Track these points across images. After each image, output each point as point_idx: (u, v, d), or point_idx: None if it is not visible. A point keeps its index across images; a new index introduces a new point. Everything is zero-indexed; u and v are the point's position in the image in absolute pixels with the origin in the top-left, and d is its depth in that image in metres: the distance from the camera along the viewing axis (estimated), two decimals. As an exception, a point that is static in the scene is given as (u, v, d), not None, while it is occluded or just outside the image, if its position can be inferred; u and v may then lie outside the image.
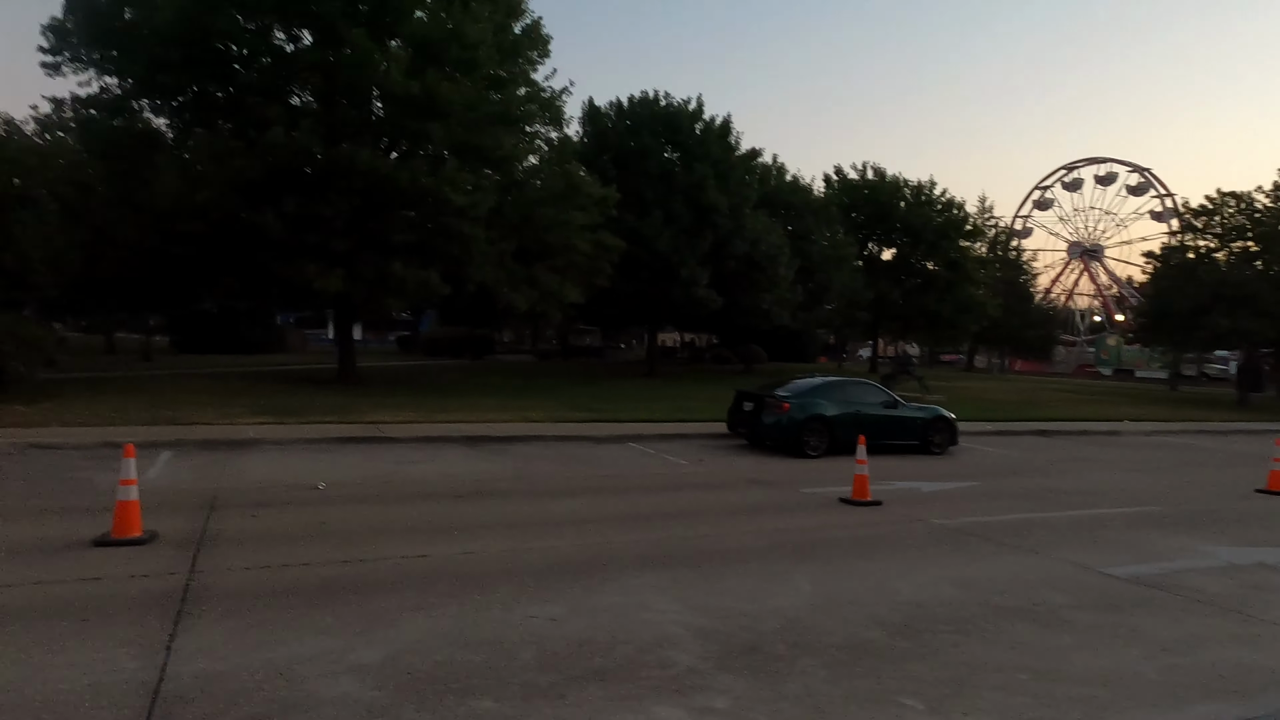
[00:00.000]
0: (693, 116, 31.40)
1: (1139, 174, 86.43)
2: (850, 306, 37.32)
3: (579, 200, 22.04)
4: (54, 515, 8.07)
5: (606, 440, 15.86)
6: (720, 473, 12.86)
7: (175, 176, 17.09)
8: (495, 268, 20.19)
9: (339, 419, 16.11)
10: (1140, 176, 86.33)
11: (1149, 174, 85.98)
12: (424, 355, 47.55)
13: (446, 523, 8.30)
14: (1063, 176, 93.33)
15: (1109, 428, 23.04)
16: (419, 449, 13.84)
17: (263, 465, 11.64)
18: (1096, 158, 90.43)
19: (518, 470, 12.14)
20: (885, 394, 16.18)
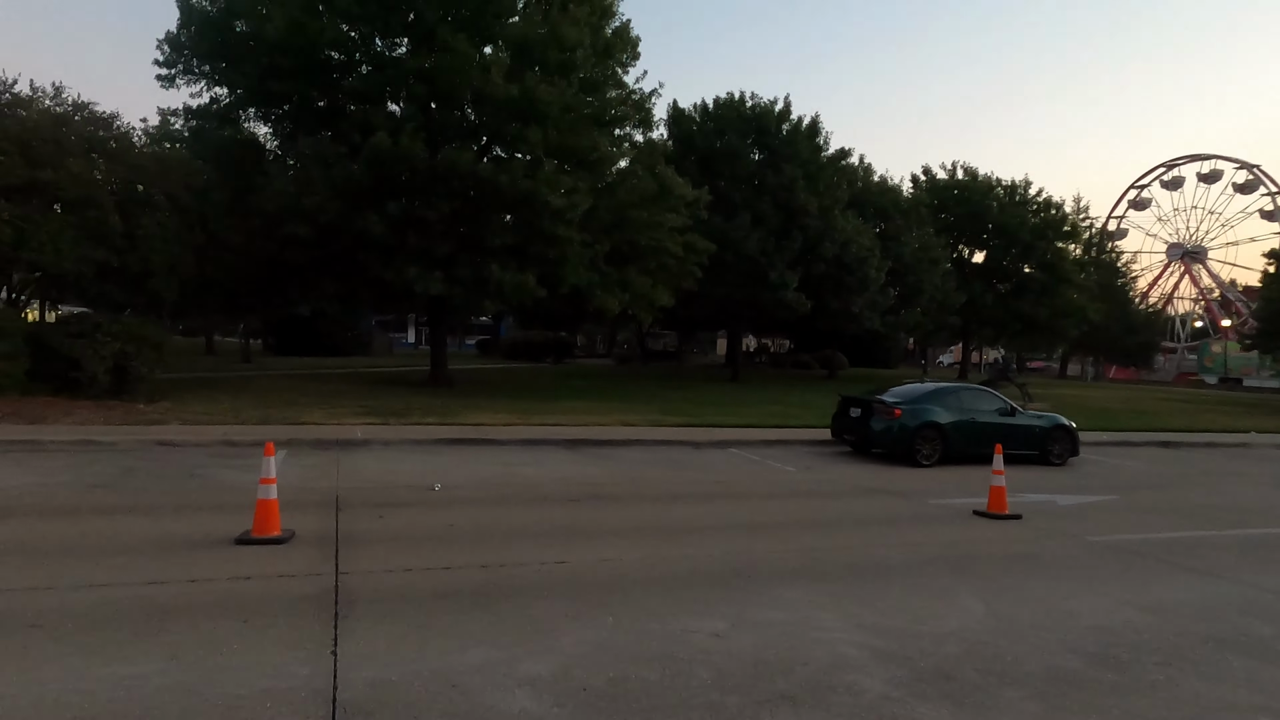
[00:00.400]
0: (780, 117, 30.84)
1: (1247, 171, 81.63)
2: (941, 310, 36.03)
3: (670, 202, 21.78)
4: (190, 512, 8.17)
5: (707, 445, 15.52)
6: (834, 480, 12.36)
7: (284, 182, 17.51)
8: (588, 270, 20.08)
9: (440, 420, 16.20)
10: (1249, 174, 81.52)
11: (1258, 170, 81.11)
12: (504, 358, 48.08)
13: (574, 527, 8.09)
14: (1161, 175, 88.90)
15: (1236, 439, 21.53)
16: (522, 451, 13.76)
17: (375, 465, 11.69)
18: (1199, 154, 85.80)
19: (627, 475, 11.90)
20: (1001, 401, 15.38)
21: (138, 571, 5.95)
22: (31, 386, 15.53)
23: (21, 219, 14.06)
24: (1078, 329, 41.91)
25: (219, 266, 18.67)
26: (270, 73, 18.44)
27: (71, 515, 7.78)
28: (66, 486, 9.29)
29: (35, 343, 15.28)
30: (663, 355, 52.31)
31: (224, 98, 21.64)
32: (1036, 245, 39.10)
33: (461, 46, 17.61)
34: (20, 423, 13.54)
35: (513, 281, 18.19)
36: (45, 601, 5.23)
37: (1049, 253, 39.66)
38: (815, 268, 28.77)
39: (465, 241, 18.35)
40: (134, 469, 10.64)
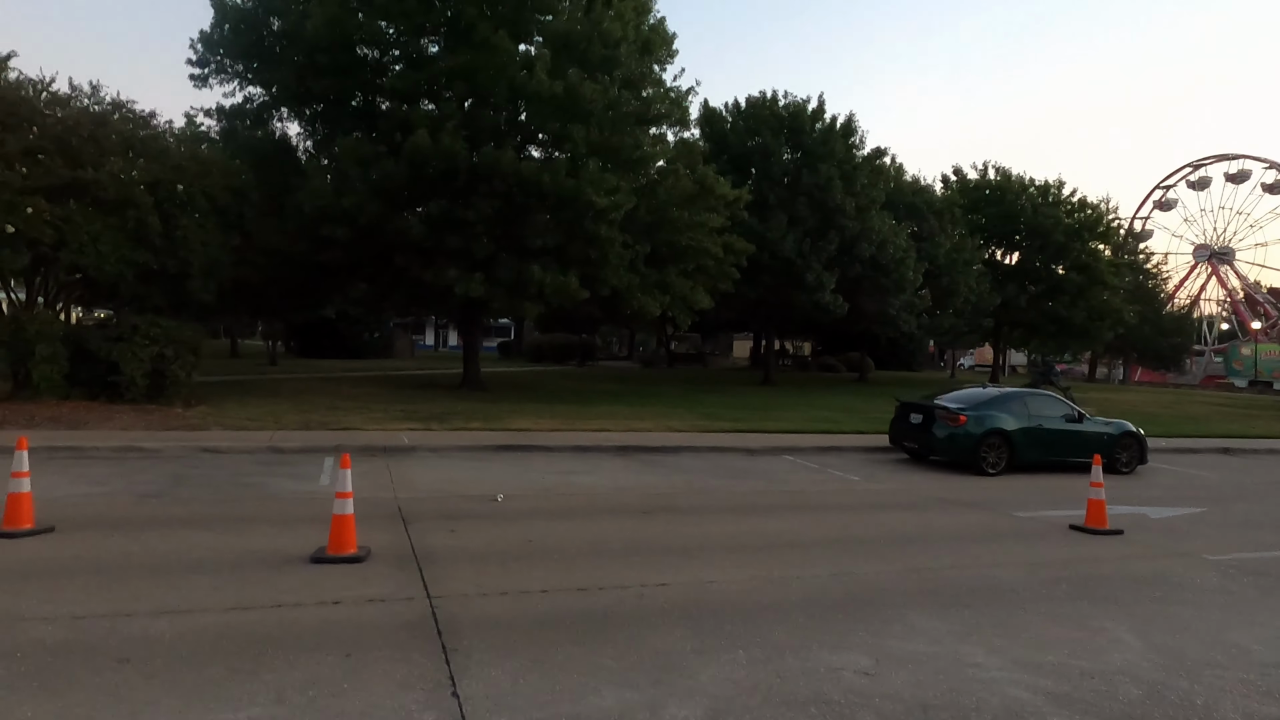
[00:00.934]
0: (814, 116, 30.28)
1: (1277, 170, 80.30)
2: (975, 313, 35.35)
3: (710, 202, 21.30)
4: (252, 525, 7.76)
5: (760, 452, 15.02)
6: (904, 490, 11.84)
7: (323, 182, 17.14)
8: (628, 272, 19.62)
9: (484, 425, 15.78)
10: (1278, 173, 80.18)
11: (1288, 170, 79.75)
12: (528, 361, 47.70)
13: (659, 543, 7.61)
14: (1188, 175, 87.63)
15: (1298, 446, 20.80)
16: (575, 459, 13.31)
17: (429, 473, 11.27)
18: (1227, 154, 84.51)
19: (689, 484, 11.44)
20: (1067, 406, 14.80)
21: (218, 595, 5.52)
22: (69, 390, 15.21)
23: (62, 220, 13.72)
24: (1113, 331, 41.11)
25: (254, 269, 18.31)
26: (309, 71, 18.09)
27: (130, 528, 7.38)
28: (118, 496, 8.91)
29: (74, 346, 14.96)
30: (687, 358, 51.76)
31: (257, 97, 21.35)
32: (1071, 246, 38.33)
33: (502, 43, 17.21)
34: (61, 428, 13.21)
35: (554, 283, 17.74)
36: (128, 630, 4.80)
37: (1084, 254, 38.89)
38: (851, 269, 28.19)
39: (505, 243, 17.92)
40: (183, 477, 10.26)
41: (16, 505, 7.08)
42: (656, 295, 20.50)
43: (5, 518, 7.00)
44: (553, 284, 17.75)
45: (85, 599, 5.32)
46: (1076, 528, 9.16)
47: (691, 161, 21.00)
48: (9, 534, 6.89)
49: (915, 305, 30.38)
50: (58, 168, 13.92)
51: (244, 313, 30.12)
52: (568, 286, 17.81)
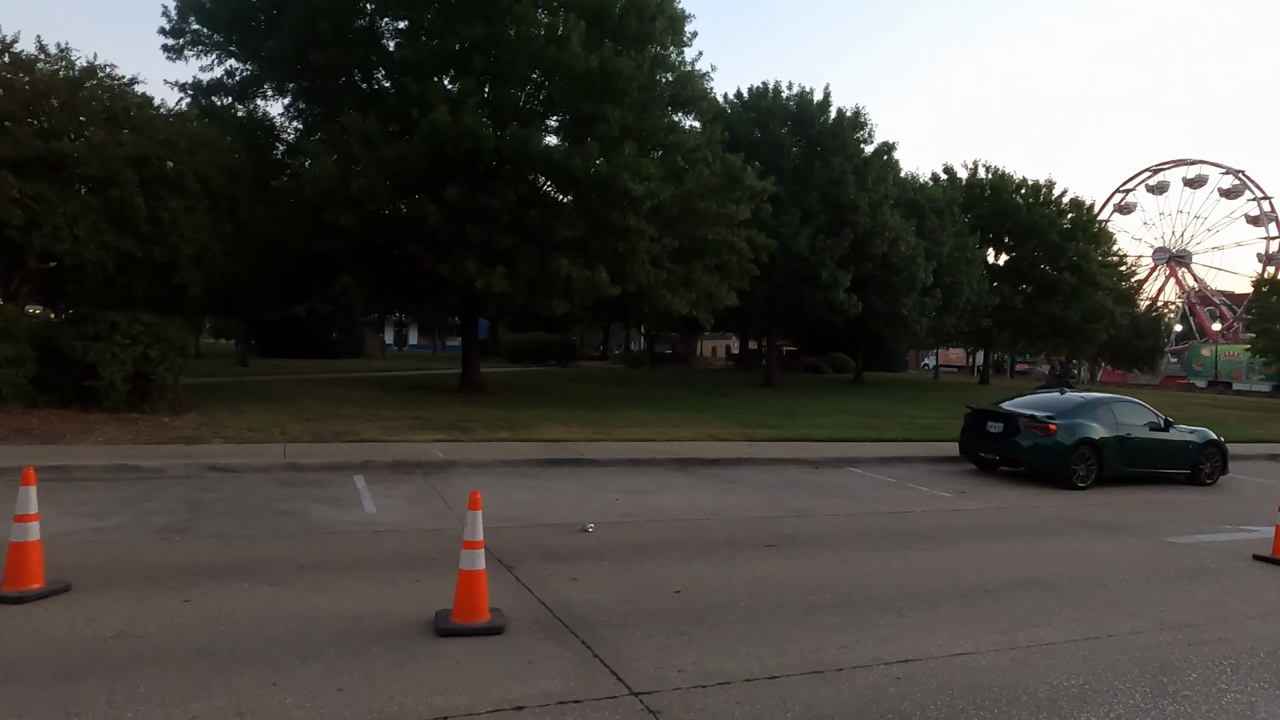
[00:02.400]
0: (820, 108, 29.20)
1: (1233, 176, 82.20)
2: (974, 313, 34.70)
3: (736, 193, 19.97)
4: (322, 574, 6.17)
5: (823, 465, 13.75)
6: (1010, 510, 10.68)
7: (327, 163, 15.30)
8: (655, 267, 18.17)
9: (514, 435, 14.20)
10: (1234, 179, 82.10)
11: (1244, 176, 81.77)
12: (506, 361, 45.82)
13: (831, 590, 6.21)
14: (1147, 179, 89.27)
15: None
16: (634, 475, 11.85)
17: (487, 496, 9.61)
18: (1185, 159, 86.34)
19: (778, 504, 10.11)
20: (1152, 414, 13.82)
21: (345, 698, 3.96)
22: (37, 397, 13.21)
23: (34, 198, 11.74)
24: (1107, 333, 40.99)
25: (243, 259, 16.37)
26: (308, 39, 16.24)
27: (168, 581, 5.74)
28: (133, 533, 7.21)
29: (43, 346, 12.98)
30: (672, 358, 50.44)
31: (240, 71, 19.37)
32: (1066, 247, 38.00)
33: (527, 12, 15.61)
34: (34, 442, 11.28)
35: (582, 278, 16.18)
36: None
37: (1077, 254, 38.60)
38: (864, 267, 27.15)
39: (529, 234, 16.31)
40: (201, 504, 8.56)
41: (21, 558, 5.39)
42: (682, 292, 19.08)
43: (6, 575, 5.31)
44: (581, 279, 16.19)
45: (166, 699, 3.72)
46: (1262, 558, 8.02)
47: (714, 149, 19.63)
48: (13, 598, 5.21)
49: (926, 305, 29.50)
50: (28, 138, 11.94)
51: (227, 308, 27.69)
52: (597, 282, 16.27)
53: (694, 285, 19.46)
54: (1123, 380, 74.53)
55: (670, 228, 18.75)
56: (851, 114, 29.33)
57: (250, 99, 20.00)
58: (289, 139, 19.97)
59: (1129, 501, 11.82)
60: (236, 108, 20.09)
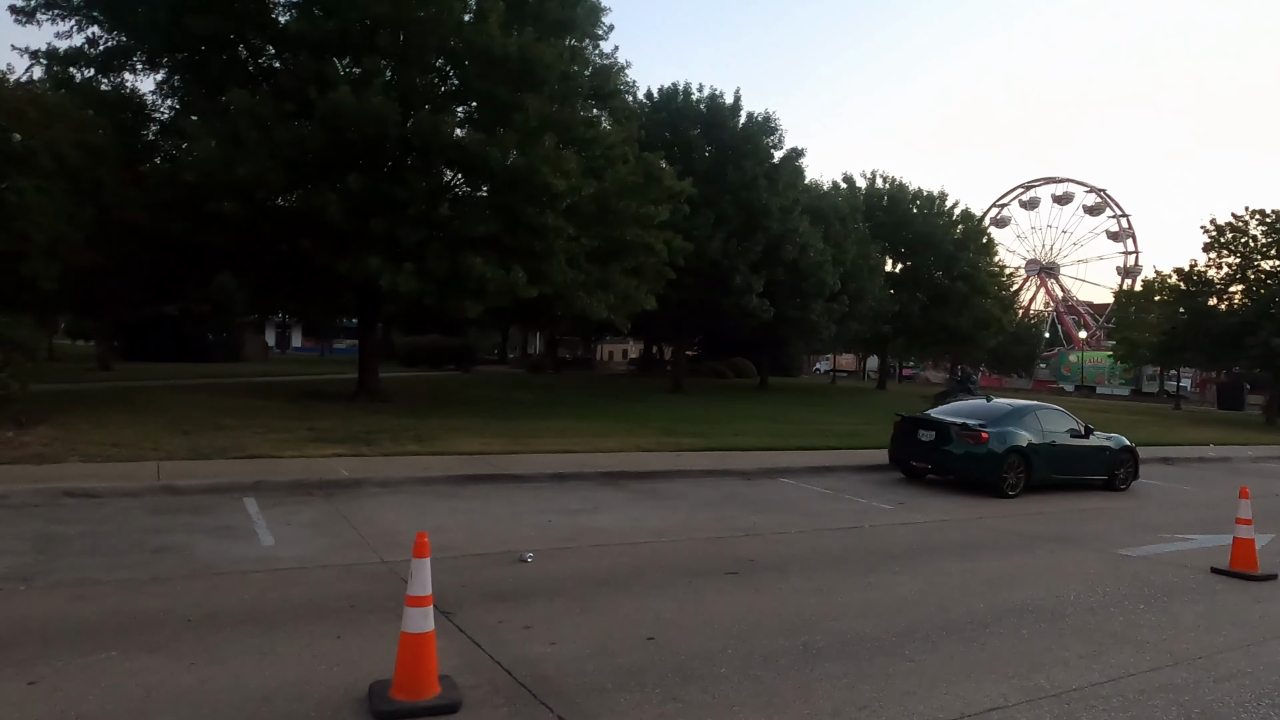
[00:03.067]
0: (731, 110, 29.02)
1: (1095, 194, 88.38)
2: (875, 319, 35.41)
3: (655, 193, 19.32)
4: (211, 630, 5.01)
5: (755, 475, 13.22)
6: (959, 523, 10.39)
7: (209, 145, 13.56)
8: (572, 268, 17.24)
9: (426, 449, 13.00)
10: (1097, 196, 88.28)
11: (1105, 194, 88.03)
12: (402, 365, 43.64)
13: (820, 632, 5.53)
14: (1020, 195, 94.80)
15: (1217, 454, 21.46)
16: (563, 491, 10.94)
17: (402, 520, 8.59)
18: (1054, 177, 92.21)
19: (724, 522, 9.45)
20: (1073, 421, 13.96)
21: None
22: None
23: None
24: (995, 339, 42.75)
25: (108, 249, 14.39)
26: (185, 6, 14.45)
27: (8, 653, 4.46)
28: (-32, 584, 5.78)
29: None
30: (575, 363, 49.45)
31: (105, 39, 17.24)
32: (959, 256, 39.39)
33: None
34: None
35: (498, 278, 15.07)
36: None
37: (968, 264, 40.09)
38: (774, 272, 27.06)
39: (439, 229, 15.04)
40: (54, 540, 7.13)
41: None
42: (600, 295, 18.23)
43: None
44: (496, 279, 15.07)
45: None
46: (1220, 571, 7.90)
47: (632, 147, 18.90)
48: None
49: (833, 311, 29.74)
50: None
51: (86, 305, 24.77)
52: (515, 282, 15.19)
53: (611, 287, 18.66)
54: (999, 384, 78.66)
55: (587, 227, 17.87)
56: (761, 118, 29.28)
57: (117, 72, 17.84)
58: (163, 118, 17.91)
59: (1060, 510, 11.79)
60: (100, 81, 17.88)
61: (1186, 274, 35.76)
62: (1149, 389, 76.43)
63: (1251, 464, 20.40)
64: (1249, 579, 7.65)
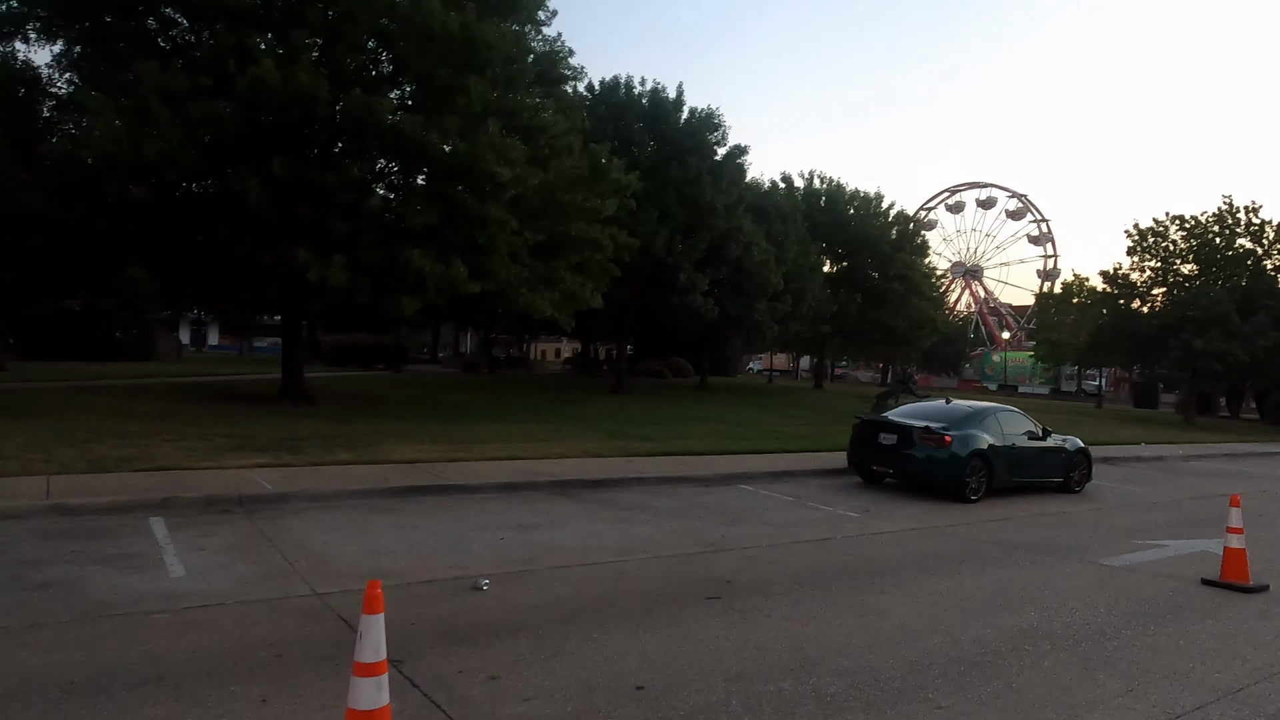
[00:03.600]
0: (675, 105, 28.44)
1: (1018, 199, 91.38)
2: (815, 319, 35.35)
3: (601, 186, 18.56)
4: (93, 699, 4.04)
5: (714, 482, 12.60)
6: (932, 532, 9.96)
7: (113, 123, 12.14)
8: (515, 263, 16.32)
9: (359, 457, 11.94)
10: (1019, 202, 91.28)
11: (1026, 199, 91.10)
12: (328, 365, 41.70)
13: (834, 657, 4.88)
14: (946, 199, 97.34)
15: (1151, 452, 21.88)
16: (513, 503, 10.10)
17: (335, 542, 7.65)
18: (978, 182, 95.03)
19: (690, 535, 8.79)
20: (1030, 423, 13.77)
21: None
22: None
23: None
24: (930, 340, 43.35)
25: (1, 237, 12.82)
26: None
27: None
28: None
29: None
30: (509, 362, 48.21)
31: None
32: (895, 257, 39.74)
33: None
34: None
35: (437, 273, 14.05)
36: None
37: (904, 265, 40.49)
38: (720, 271, 26.59)
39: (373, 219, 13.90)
40: (-88, 578, 5.97)
41: None
42: (544, 292, 17.35)
43: None
44: (435, 273, 14.04)
45: None
46: (1214, 583, 7.59)
47: (577, 138, 18.08)
48: None
49: (777, 310, 29.45)
50: None
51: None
52: (454, 277, 14.18)
53: (557, 284, 17.81)
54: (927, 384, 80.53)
55: (531, 221, 16.96)
56: (704, 114, 28.77)
57: (7, 41, 16.10)
58: (61, 93, 16.24)
59: (1025, 515, 11.52)
60: (-12, 49, 16.12)
61: (1112, 277, 36.86)
62: (1068, 388, 79.36)
63: (1184, 463, 20.84)
64: (1245, 591, 7.36)
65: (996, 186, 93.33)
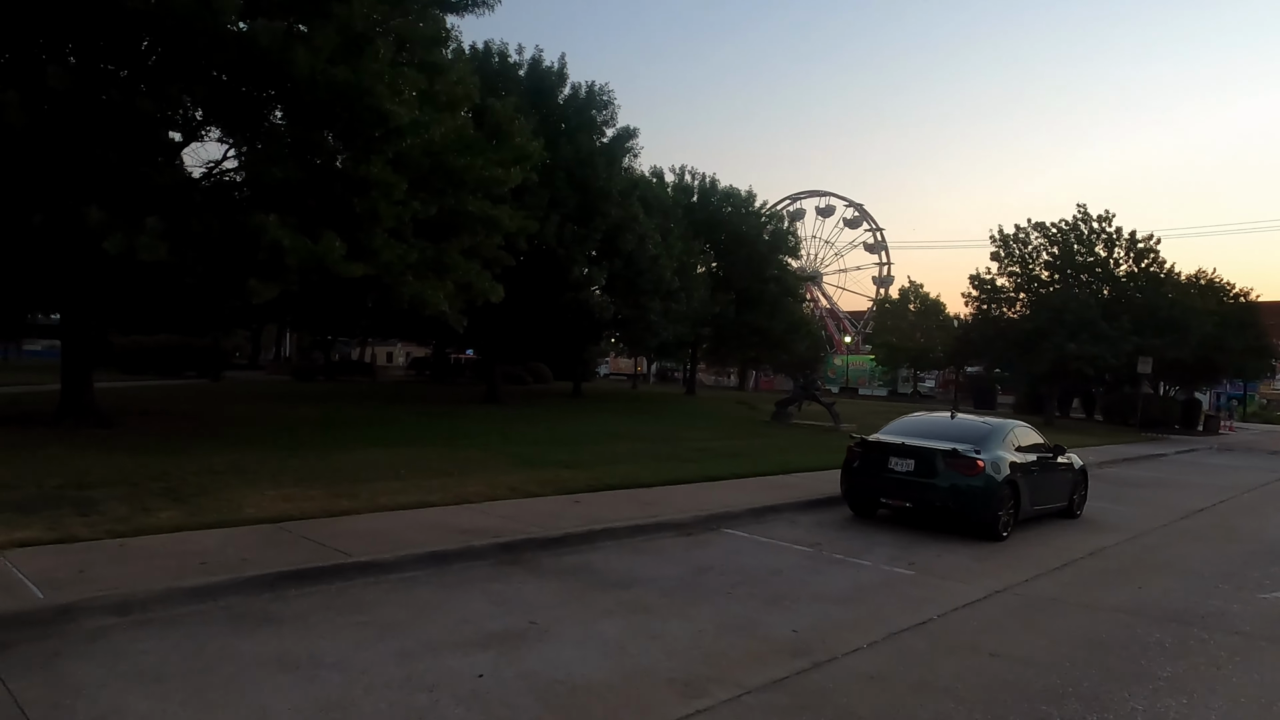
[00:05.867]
0: (559, 78, 25.19)
1: (854, 208, 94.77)
2: (697, 321, 33.15)
3: (503, 153, 15.08)
4: None
5: (696, 528, 9.66)
6: (1026, 600, 7.54)
7: None
8: (399, 241, 12.55)
9: (191, 514, 7.94)
10: (855, 210, 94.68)
11: (862, 208, 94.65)
12: (122, 373, 34.66)
13: None
14: (787, 205, 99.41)
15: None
16: (456, 588, 6.69)
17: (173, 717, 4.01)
18: (818, 190, 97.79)
19: (756, 634, 5.83)
20: (1039, 437, 11.84)
21: None
22: None
23: None
24: (804, 343, 42.46)
25: None
26: None
27: None
28: None
29: None
30: (349, 367, 42.68)
31: None
32: (770, 257, 38.44)
33: None
34: None
35: (302, 249, 10.09)
36: None
37: (778, 267, 39.32)
38: (614, 264, 23.60)
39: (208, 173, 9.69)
40: None
41: None
42: (434, 280, 13.63)
43: None
44: (300, 249, 10.07)
45: None
46: None
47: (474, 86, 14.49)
48: None
49: (672, 311, 26.81)
50: None
51: None
52: (327, 255, 10.27)
53: (449, 272, 14.14)
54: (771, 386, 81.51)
55: (417, 189, 13.20)
56: (589, 89, 25.68)
57: None
58: None
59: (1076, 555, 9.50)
60: None
61: (980, 281, 37.39)
62: (904, 390, 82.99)
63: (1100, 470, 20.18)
64: None
65: (835, 195, 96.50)
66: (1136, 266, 35.19)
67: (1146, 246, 35.09)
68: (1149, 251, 35.03)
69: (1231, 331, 37.91)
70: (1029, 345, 33.23)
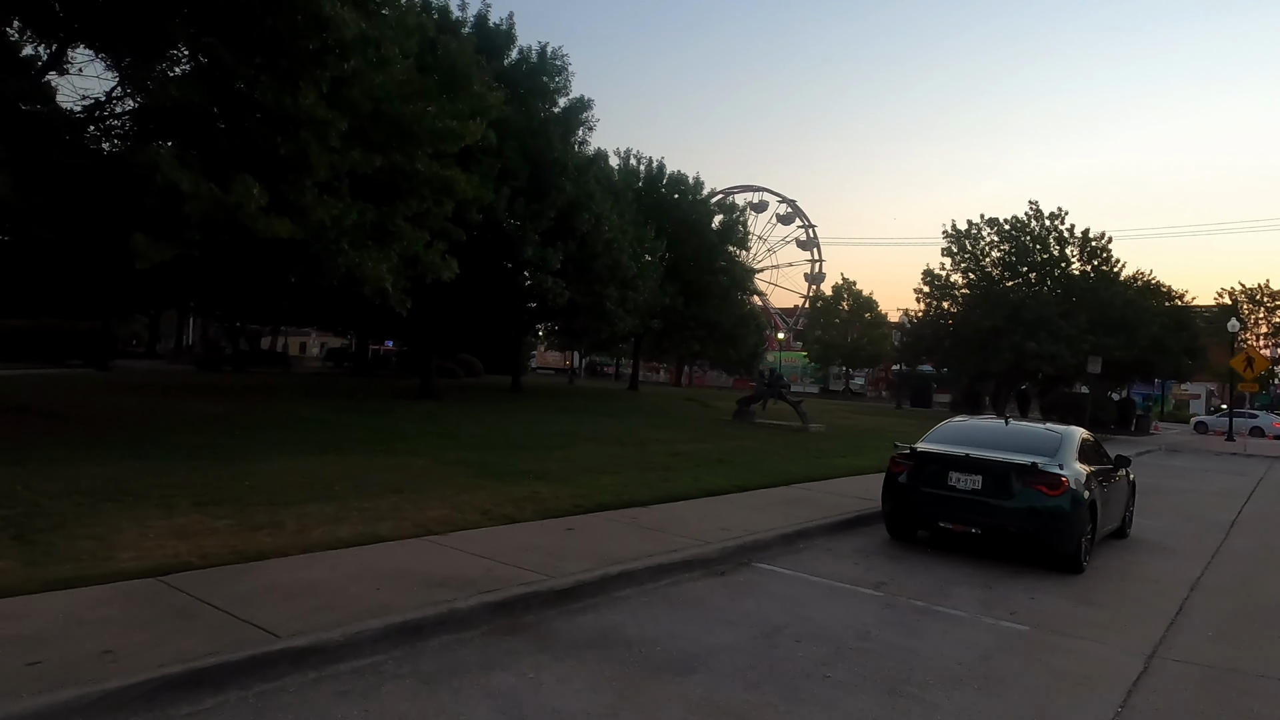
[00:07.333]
0: (505, 38, 22.74)
1: (787, 204, 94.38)
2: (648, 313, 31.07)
3: (459, 105, 12.69)
4: None
5: (727, 566, 7.62)
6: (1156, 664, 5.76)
7: None
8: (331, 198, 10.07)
9: (28, 564, 5.44)
10: (788, 207, 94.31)
11: (795, 205, 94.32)
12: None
13: None
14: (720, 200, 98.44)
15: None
16: (445, 686, 4.42)
17: None
18: (751, 186, 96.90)
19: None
20: (1101, 448, 10.21)
21: None
22: None
23: None
24: (754, 338, 40.92)
25: None
26: None
27: None
28: None
29: None
30: (260, 357, 38.96)
31: None
32: (720, 248, 36.71)
33: None
34: None
35: (206, 194, 7.55)
36: None
37: (726, 257, 37.64)
38: (568, 245, 21.28)
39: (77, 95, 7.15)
40: None
41: None
42: (373, 250, 11.16)
43: None
44: (202, 195, 7.51)
45: None
46: None
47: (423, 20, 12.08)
48: None
49: (630, 300, 24.63)
50: None
51: None
52: (241, 205, 7.73)
53: (394, 240, 11.68)
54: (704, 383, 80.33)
55: (355, 140, 10.70)
56: (539, 53, 23.28)
57: None
58: None
59: (1168, 587, 7.83)
60: None
61: (932, 276, 36.55)
62: (835, 386, 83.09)
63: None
64: None
65: (768, 191, 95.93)
66: (1088, 265, 34.95)
67: (1099, 245, 34.88)
68: (1101, 250, 34.82)
69: (1170, 334, 38.20)
70: (985, 344, 32.48)
